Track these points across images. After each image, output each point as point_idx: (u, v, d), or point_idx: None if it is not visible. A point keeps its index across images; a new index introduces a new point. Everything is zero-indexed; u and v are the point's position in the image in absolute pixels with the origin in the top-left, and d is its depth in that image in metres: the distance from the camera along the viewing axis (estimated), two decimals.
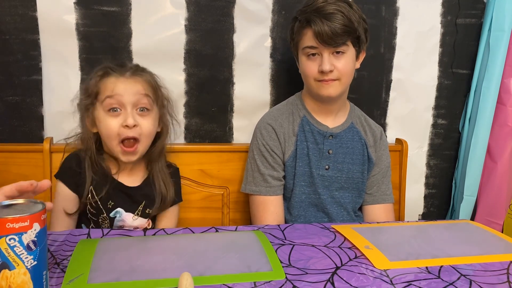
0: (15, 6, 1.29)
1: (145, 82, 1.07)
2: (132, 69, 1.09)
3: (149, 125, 1.06)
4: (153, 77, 1.12)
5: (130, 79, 1.06)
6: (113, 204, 1.09)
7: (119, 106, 1.03)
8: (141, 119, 1.04)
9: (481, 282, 0.77)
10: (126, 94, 1.03)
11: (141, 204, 1.12)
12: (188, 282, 0.67)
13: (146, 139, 1.07)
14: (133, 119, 1.02)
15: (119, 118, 1.03)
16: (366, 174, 1.31)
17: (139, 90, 1.05)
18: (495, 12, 1.49)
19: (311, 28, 1.16)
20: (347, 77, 1.21)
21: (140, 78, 1.07)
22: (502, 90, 1.53)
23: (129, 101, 1.03)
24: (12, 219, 0.60)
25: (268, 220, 1.23)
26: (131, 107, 1.03)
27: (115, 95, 1.02)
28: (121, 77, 1.05)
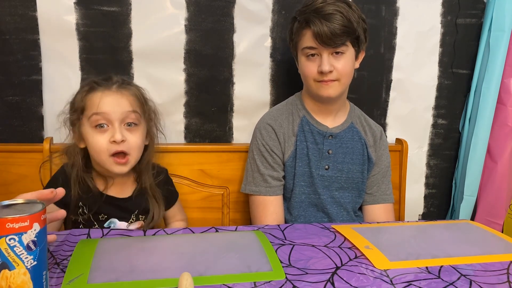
0: (15, 6, 1.29)
1: (131, 96, 1.06)
2: (118, 83, 1.06)
3: (137, 139, 1.05)
4: (140, 90, 1.10)
5: (116, 93, 1.04)
6: (105, 217, 1.09)
7: (106, 122, 1.02)
8: (128, 134, 1.03)
9: (481, 282, 0.77)
10: (112, 110, 1.01)
11: (134, 213, 1.12)
12: (188, 282, 0.67)
13: (135, 153, 1.06)
14: (120, 135, 1.01)
15: (106, 134, 1.01)
16: (366, 174, 1.31)
17: (126, 106, 1.03)
18: (495, 12, 1.49)
19: (310, 28, 1.16)
20: (346, 77, 1.21)
21: (127, 92, 1.05)
22: (502, 90, 1.53)
23: (116, 118, 1.02)
24: (12, 219, 0.60)
25: (268, 220, 1.23)
26: (119, 123, 1.02)
27: (101, 112, 1.01)
28: (107, 91, 1.04)
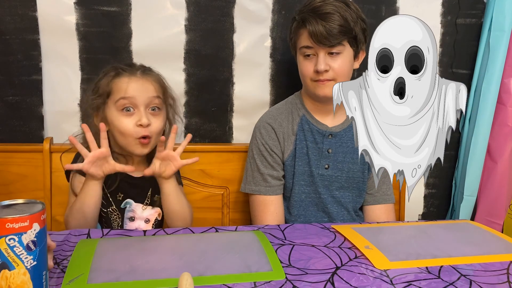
0: (15, 6, 1.29)
1: (155, 82, 1.11)
2: (142, 69, 1.12)
3: (161, 123, 1.10)
4: (160, 76, 1.14)
5: (141, 79, 1.09)
6: (122, 196, 1.12)
7: (132, 106, 1.06)
8: (153, 118, 1.08)
9: (481, 282, 0.77)
10: (139, 95, 1.06)
11: (148, 191, 1.15)
12: (188, 282, 0.67)
13: (157, 136, 1.10)
14: (146, 119, 1.06)
15: (132, 117, 1.06)
16: (366, 173, 1.30)
17: (151, 91, 1.08)
18: (495, 12, 1.49)
19: (306, 28, 1.17)
20: (343, 77, 1.21)
21: (151, 78, 1.10)
22: (502, 90, 1.53)
23: (142, 102, 1.06)
24: (11, 219, 0.60)
25: (268, 220, 1.23)
26: (144, 107, 1.07)
27: (128, 97, 1.06)
28: (133, 77, 1.08)
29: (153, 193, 1.16)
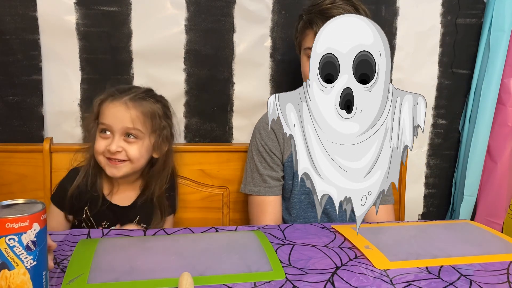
0: (15, 6, 1.29)
1: (137, 111, 1.08)
2: (133, 95, 1.10)
3: (135, 151, 1.08)
4: (154, 105, 1.12)
5: (122, 106, 1.07)
6: (108, 224, 1.13)
7: (109, 130, 1.08)
8: (127, 145, 1.08)
9: (481, 282, 0.77)
10: (114, 122, 1.07)
11: (135, 219, 1.15)
12: (188, 282, 0.67)
13: (134, 163, 1.09)
14: (115, 146, 1.06)
15: (107, 140, 1.08)
16: None
17: (127, 122, 1.07)
18: (495, 12, 1.49)
19: (312, 30, 1.16)
20: None
21: (135, 108, 1.08)
22: (502, 90, 1.53)
23: (116, 128, 1.07)
24: (11, 219, 0.60)
25: (266, 221, 1.23)
26: (119, 133, 1.07)
27: (105, 123, 1.08)
28: (116, 102, 1.08)
29: (139, 222, 1.15)
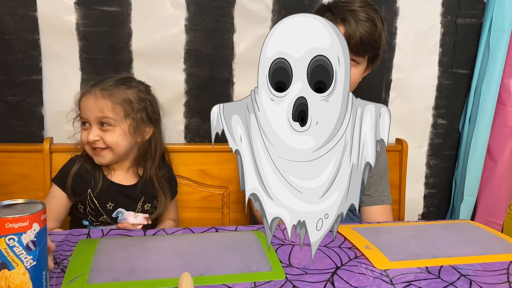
0: (15, 6, 1.29)
1: (107, 100, 1.11)
2: (103, 86, 1.13)
3: (111, 138, 1.12)
4: (127, 91, 1.15)
5: (92, 98, 1.12)
6: (113, 206, 1.13)
7: (87, 122, 1.13)
8: (103, 133, 1.12)
9: (481, 282, 0.77)
10: (88, 113, 1.12)
11: (140, 200, 1.17)
12: (188, 282, 0.67)
13: (115, 149, 1.13)
14: (93, 135, 1.11)
15: (87, 131, 1.13)
16: None
17: (97, 112, 1.11)
18: (495, 12, 1.49)
19: (344, 27, 1.14)
20: (352, 86, 1.21)
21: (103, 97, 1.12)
22: (502, 90, 1.53)
23: (90, 119, 1.12)
24: (11, 219, 0.60)
25: None
26: (94, 123, 1.12)
27: (82, 116, 1.14)
28: (88, 95, 1.13)
29: (144, 202, 1.17)
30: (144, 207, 1.17)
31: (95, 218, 1.13)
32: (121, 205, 1.14)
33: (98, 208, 1.12)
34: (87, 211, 1.13)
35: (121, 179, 1.17)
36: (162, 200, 1.20)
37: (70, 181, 1.12)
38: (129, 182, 1.18)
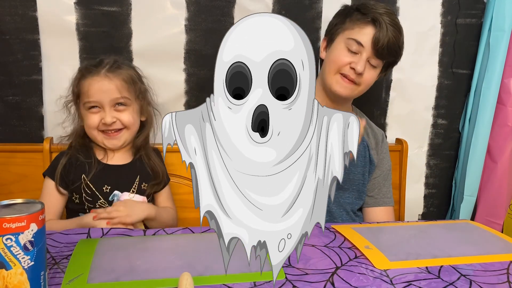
0: (15, 6, 1.29)
1: (119, 81, 1.11)
2: (108, 66, 1.12)
3: (129, 117, 1.13)
4: (129, 71, 1.15)
5: (104, 80, 1.10)
6: (109, 188, 1.13)
7: (97, 105, 1.11)
8: (119, 114, 1.11)
9: (481, 282, 0.77)
10: (102, 96, 1.09)
11: (136, 179, 1.16)
12: (188, 282, 0.67)
13: (130, 128, 1.14)
14: (110, 117, 1.09)
15: (98, 114, 1.11)
16: (367, 176, 1.30)
17: (114, 92, 1.10)
18: (495, 12, 1.49)
19: (374, 28, 1.16)
20: (365, 87, 1.23)
21: (115, 77, 1.11)
22: (502, 90, 1.53)
23: (106, 101, 1.10)
24: (9, 219, 0.60)
25: None
26: (109, 106, 1.10)
27: (92, 100, 1.10)
28: (96, 77, 1.10)
29: (141, 181, 1.17)
30: (141, 187, 1.16)
31: (92, 204, 1.11)
32: (118, 186, 1.13)
33: (95, 193, 1.11)
34: (84, 198, 1.11)
35: (117, 159, 1.17)
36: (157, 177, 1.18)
37: (60, 170, 1.11)
38: (125, 161, 1.17)
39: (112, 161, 1.16)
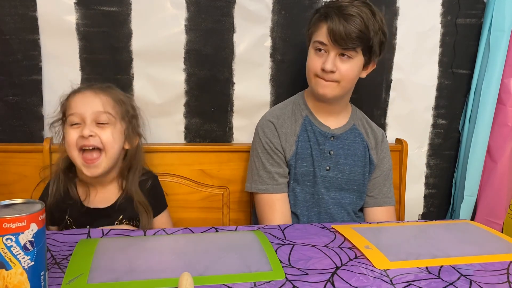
0: (15, 6, 1.29)
1: (106, 97, 1.10)
2: (97, 86, 1.12)
3: (109, 135, 1.07)
4: (119, 95, 1.14)
5: (91, 95, 1.09)
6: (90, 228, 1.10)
7: (79, 121, 1.07)
8: (99, 130, 1.07)
9: (481, 282, 0.77)
10: (85, 109, 1.07)
11: (118, 219, 1.12)
12: (188, 282, 0.67)
13: (109, 150, 1.08)
14: (88, 130, 1.05)
15: (78, 129, 1.07)
16: (367, 176, 1.30)
17: (98, 106, 1.07)
18: (495, 12, 1.49)
19: (326, 23, 1.16)
20: (347, 82, 1.20)
21: (103, 94, 1.10)
22: (502, 90, 1.53)
23: (87, 114, 1.06)
24: (9, 219, 0.60)
25: (276, 218, 1.22)
26: (90, 121, 1.06)
27: (75, 112, 1.07)
28: (84, 92, 1.10)
29: (123, 219, 1.13)
30: (123, 222, 1.12)
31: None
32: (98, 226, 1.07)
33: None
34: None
35: (100, 200, 1.12)
36: (144, 218, 1.13)
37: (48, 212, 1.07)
38: (107, 203, 1.12)
39: (94, 203, 1.12)
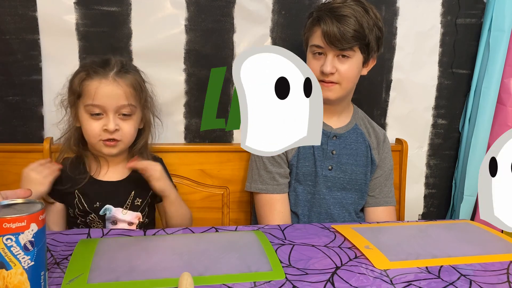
0: (15, 6, 1.29)
1: (128, 87, 1.07)
2: (116, 69, 1.07)
3: (131, 128, 1.09)
4: (136, 76, 1.11)
5: (112, 84, 1.05)
6: (100, 204, 1.10)
7: (101, 111, 1.05)
8: (122, 122, 1.07)
9: (481, 282, 0.77)
10: (108, 101, 1.04)
11: (130, 196, 1.12)
12: (188, 282, 0.67)
13: (127, 139, 1.10)
14: (114, 124, 1.04)
15: (100, 121, 1.05)
16: (369, 176, 1.30)
17: (121, 99, 1.05)
18: (495, 12, 1.49)
19: (320, 27, 1.16)
20: (348, 82, 1.20)
21: (124, 83, 1.07)
22: (502, 90, 1.53)
23: (111, 108, 1.05)
24: (9, 219, 0.60)
25: (275, 219, 1.22)
26: (113, 112, 1.05)
27: (97, 104, 1.04)
28: (104, 80, 1.05)
29: (135, 196, 1.13)
30: (134, 202, 1.12)
31: (84, 218, 1.10)
32: (109, 202, 1.09)
33: (85, 208, 1.09)
34: (76, 212, 1.09)
35: (111, 175, 1.13)
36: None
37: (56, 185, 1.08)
38: (119, 177, 1.13)
39: (105, 177, 1.12)
